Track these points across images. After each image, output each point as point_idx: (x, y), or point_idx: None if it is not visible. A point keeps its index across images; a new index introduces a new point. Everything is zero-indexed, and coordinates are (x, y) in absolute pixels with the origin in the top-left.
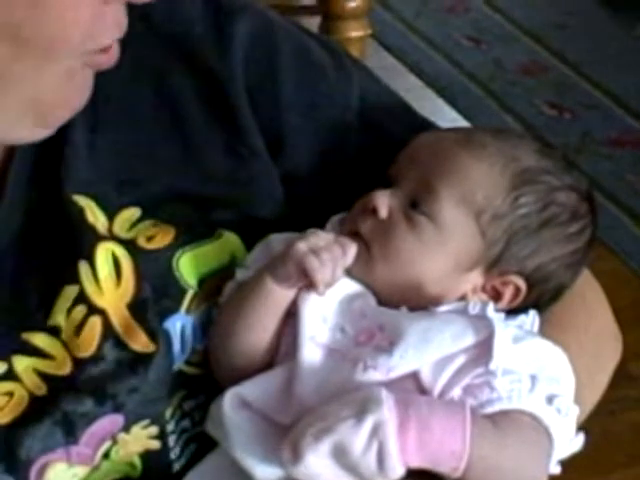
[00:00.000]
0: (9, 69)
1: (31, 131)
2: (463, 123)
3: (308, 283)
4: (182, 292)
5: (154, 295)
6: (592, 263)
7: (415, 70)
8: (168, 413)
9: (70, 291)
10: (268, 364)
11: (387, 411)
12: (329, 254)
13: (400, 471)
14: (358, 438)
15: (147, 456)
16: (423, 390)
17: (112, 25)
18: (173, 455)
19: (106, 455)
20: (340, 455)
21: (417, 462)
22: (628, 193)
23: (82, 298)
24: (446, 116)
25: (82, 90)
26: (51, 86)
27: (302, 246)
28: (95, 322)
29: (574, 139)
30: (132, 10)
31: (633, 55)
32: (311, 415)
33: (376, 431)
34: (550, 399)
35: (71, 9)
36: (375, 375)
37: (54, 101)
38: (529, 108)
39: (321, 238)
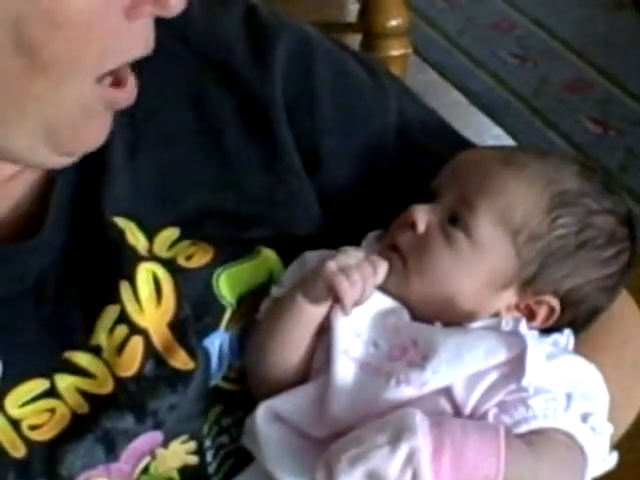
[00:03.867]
0: (26, 89)
1: (48, 158)
2: (507, 140)
3: (337, 302)
4: (222, 310)
5: (195, 313)
6: (637, 277)
7: (459, 87)
8: (205, 429)
9: (111, 311)
10: (302, 379)
11: (422, 438)
12: (359, 273)
13: None
14: (392, 465)
15: (185, 471)
16: (455, 406)
17: (138, 41)
18: (211, 470)
19: (145, 470)
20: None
21: None
22: None
23: (123, 318)
24: (490, 133)
25: (99, 130)
26: (67, 119)
27: (332, 265)
28: (137, 342)
29: (619, 156)
30: (169, 28)
31: None
32: (346, 439)
33: (410, 458)
34: (585, 417)
35: (91, 28)
36: (407, 390)
37: (69, 135)
38: (574, 125)
39: (352, 257)
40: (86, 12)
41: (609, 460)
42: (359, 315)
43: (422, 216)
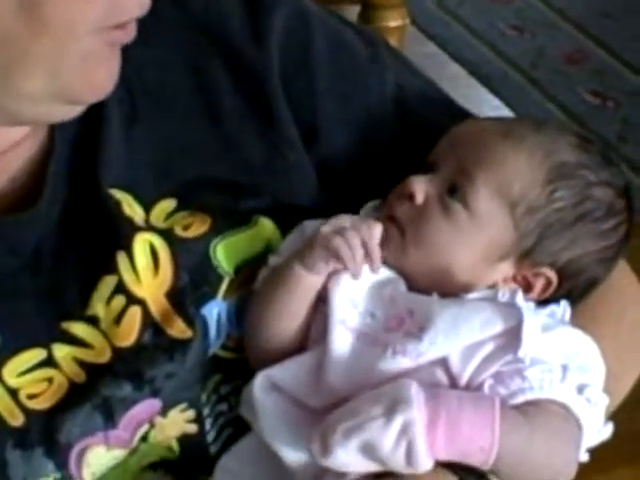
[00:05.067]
0: (29, 48)
1: (57, 110)
2: (505, 111)
3: (338, 265)
4: (219, 279)
5: (192, 282)
6: (635, 248)
7: (458, 58)
8: (204, 397)
9: (109, 281)
10: (300, 349)
11: (416, 411)
12: (355, 232)
13: (428, 466)
14: (387, 437)
15: (184, 440)
16: (451, 376)
17: (133, 4)
18: (209, 438)
19: (144, 438)
20: (369, 451)
21: (445, 457)
22: None
23: (121, 288)
24: (488, 104)
25: (107, 70)
26: (73, 67)
27: (326, 229)
28: (135, 312)
29: (617, 127)
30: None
31: None
32: (341, 410)
33: (405, 431)
34: (580, 389)
35: None
36: (404, 361)
37: (78, 82)
38: (572, 96)
39: (345, 220)
40: None
41: (604, 431)
42: (356, 286)
43: (420, 187)
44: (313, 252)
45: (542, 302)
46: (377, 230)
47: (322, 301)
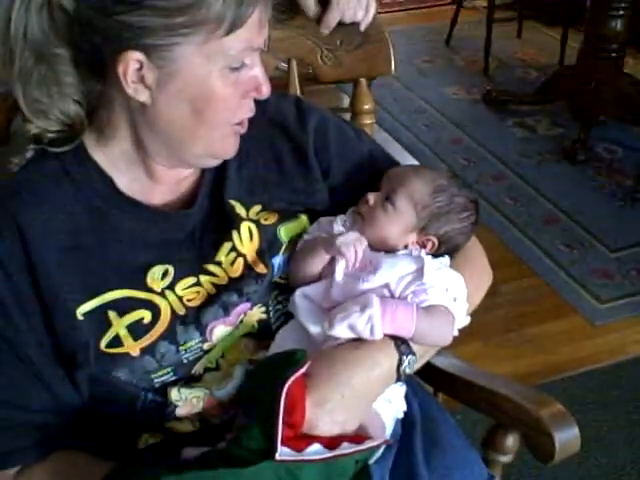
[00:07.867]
0: (195, 132)
1: (208, 161)
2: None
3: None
4: (281, 245)
5: (268, 247)
6: (480, 233)
7: (398, 141)
8: (270, 301)
9: (227, 245)
10: (318, 279)
11: (375, 310)
12: (356, 243)
13: (381, 336)
14: (360, 321)
15: (260, 322)
16: (391, 292)
17: (247, 110)
18: (272, 321)
19: (241, 321)
20: (351, 328)
21: (389, 332)
22: (500, 203)
23: (234, 249)
24: (409, 162)
25: (233, 145)
26: (217, 143)
27: (341, 240)
28: (240, 260)
29: (471, 179)
30: (257, 105)
31: (504, 136)
32: (338, 308)
33: (370, 319)
34: (455, 299)
35: (226, 104)
36: (368, 285)
37: (219, 150)
38: (454, 161)
39: (350, 236)
40: (224, 97)
41: (466, 320)
42: None
43: (372, 197)
44: (332, 247)
45: (435, 256)
46: (364, 242)
47: (333, 258)
